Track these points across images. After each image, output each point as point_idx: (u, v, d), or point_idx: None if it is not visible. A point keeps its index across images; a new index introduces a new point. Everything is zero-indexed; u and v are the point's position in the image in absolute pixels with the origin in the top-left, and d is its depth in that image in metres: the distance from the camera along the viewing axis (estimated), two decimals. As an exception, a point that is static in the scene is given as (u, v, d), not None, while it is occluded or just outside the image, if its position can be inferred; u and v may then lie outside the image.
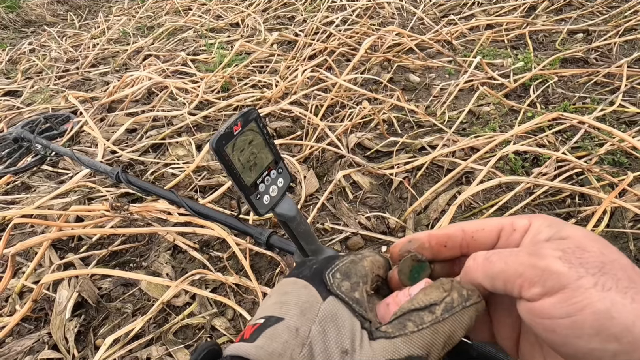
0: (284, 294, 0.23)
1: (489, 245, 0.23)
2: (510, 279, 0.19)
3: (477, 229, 0.23)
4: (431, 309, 0.20)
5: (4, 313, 0.87)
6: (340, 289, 0.23)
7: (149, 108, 1.57)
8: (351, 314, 0.21)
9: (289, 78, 1.56)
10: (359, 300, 0.22)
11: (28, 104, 1.79)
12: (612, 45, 1.55)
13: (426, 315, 0.20)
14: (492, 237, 0.23)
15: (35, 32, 2.88)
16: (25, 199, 1.20)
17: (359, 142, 1.22)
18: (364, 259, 0.25)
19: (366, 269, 0.24)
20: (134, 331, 0.77)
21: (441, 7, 2.18)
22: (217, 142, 0.45)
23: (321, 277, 0.23)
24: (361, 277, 0.24)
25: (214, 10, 2.59)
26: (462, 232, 0.24)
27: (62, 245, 1.01)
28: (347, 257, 0.25)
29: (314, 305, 0.22)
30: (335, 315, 0.21)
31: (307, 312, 0.21)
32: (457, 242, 0.24)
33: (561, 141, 1.13)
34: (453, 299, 0.21)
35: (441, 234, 0.24)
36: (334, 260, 0.25)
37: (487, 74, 1.45)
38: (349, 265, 0.24)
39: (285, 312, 0.22)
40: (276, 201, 0.54)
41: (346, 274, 0.24)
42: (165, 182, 1.18)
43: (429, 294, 0.21)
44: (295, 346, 0.20)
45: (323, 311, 0.21)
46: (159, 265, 0.92)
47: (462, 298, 0.21)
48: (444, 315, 0.20)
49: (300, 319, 0.21)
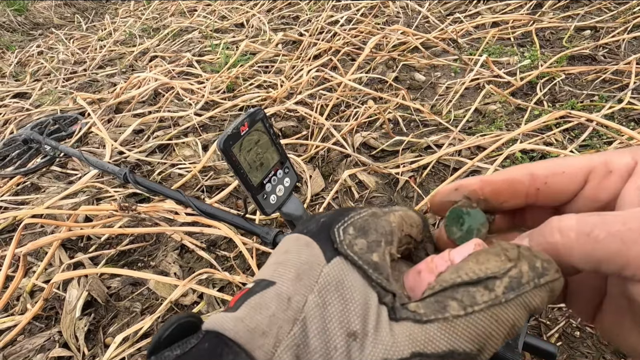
0: (283, 253, 0.18)
1: (569, 194, 0.17)
2: (631, 264, 0.14)
3: (553, 172, 0.18)
4: (488, 284, 0.15)
5: (16, 312, 0.88)
6: (351, 247, 0.17)
7: (155, 109, 1.58)
8: (365, 282, 0.16)
9: (294, 78, 1.56)
10: (378, 264, 0.17)
11: (37, 105, 1.81)
12: (620, 41, 1.53)
13: (480, 293, 0.15)
14: (576, 182, 0.17)
15: (43, 35, 2.91)
16: (35, 199, 1.21)
17: (364, 141, 1.22)
18: (390, 213, 0.19)
19: (392, 226, 0.18)
20: (143, 330, 0.78)
21: (446, 5, 2.16)
22: (225, 143, 0.46)
23: (329, 233, 0.18)
24: (384, 234, 0.18)
25: (218, 11, 2.60)
26: (530, 178, 0.18)
27: (71, 245, 1.03)
28: (366, 209, 0.19)
29: (314, 268, 0.16)
30: (342, 282, 0.16)
31: (305, 276, 0.16)
32: (522, 191, 0.18)
33: (569, 139, 1.12)
34: (522, 272, 0.15)
35: (500, 179, 0.18)
36: (348, 212, 0.19)
37: (493, 72, 1.44)
38: (367, 219, 0.18)
39: (278, 274, 0.17)
40: (283, 201, 0.54)
41: (362, 230, 0.18)
42: (172, 182, 1.19)
43: (484, 262, 0.15)
44: (284, 322, 0.15)
45: (325, 276, 0.16)
46: (166, 265, 0.93)
47: (534, 272, 0.15)
48: (507, 295, 0.14)
49: (295, 285, 0.16)
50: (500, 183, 0.18)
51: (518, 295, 0.14)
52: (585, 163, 0.17)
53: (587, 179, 0.17)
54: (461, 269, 0.15)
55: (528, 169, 0.18)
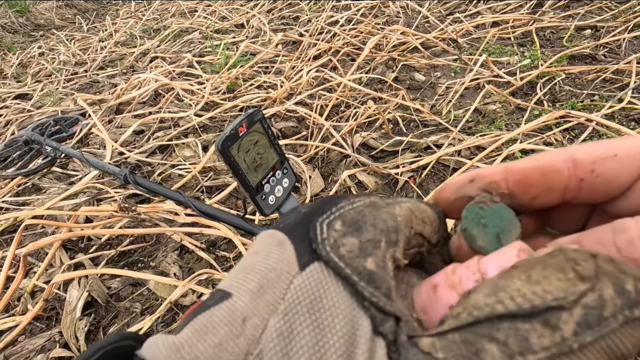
0: (251, 254, 0.14)
1: (622, 186, 0.13)
2: None
3: (601, 155, 0.13)
4: (550, 318, 0.10)
5: (17, 312, 0.89)
6: (336, 249, 0.12)
7: (155, 109, 1.58)
8: (353, 300, 0.11)
9: (293, 78, 1.57)
10: (374, 274, 0.12)
11: (38, 106, 1.82)
12: (621, 41, 1.53)
13: (537, 333, 0.10)
14: (632, 169, 0.13)
15: (44, 36, 2.92)
16: (36, 200, 1.22)
17: (364, 141, 1.22)
18: (395, 204, 0.14)
19: (397, 220, 0.13)
20: (143, 330, 0.78)
21: (446, 5, 2.16)
22: (223, 144, 0.46)
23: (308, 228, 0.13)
24: (385, 231, 0.13)
25: (219, 11, 2.61)
26: (572, 164, 0.13)
27: (72, 245, 1.03)
28: (364, 197, 0.14)
29: (282, 278, 0.12)
30: (318, 300, 0.11)
31: (269, 289, 0.12)
32: (561, 183, 0.14)
33: (569, 139, 1.12)
34: (603, 298, 0.10)
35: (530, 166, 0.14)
36: (337, 201, 0.14)
37: (493, 72, 1.44)
38: (362, 210, 0.13)
39: (237, 283, 0.12)
40: (281, 201, 0.55)
41: (354, 224, 0.13)
42: (172, 182, 1.20)
43: (541, 280, 0.10)
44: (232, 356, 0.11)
45: (295, 290, 0.12)
46: (166, 265, 0.93)
47: (623, 299, 0.10)
48: (582, 337, 0.09)
49: (255, 301, 0.12)
50: (531, 172, 0.14)
51: (599, 337, 0.09)
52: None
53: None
54: (502, 289, 0.10)
55: (569, 154, 0.13)
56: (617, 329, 0.09)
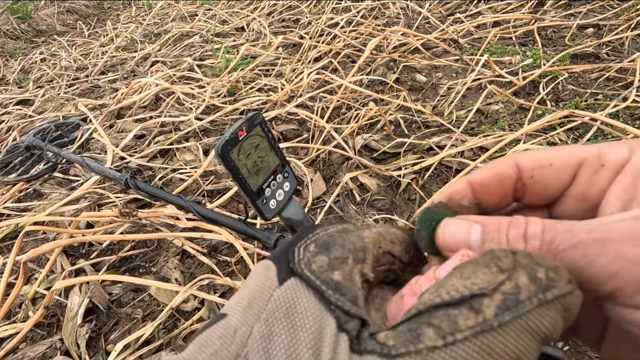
0: (247, 281, 0.16)
1: (558, 189, 0.15)
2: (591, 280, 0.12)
3: (540, 163, 0.15)
4: (473, 303, 0.12)
5: (18, 319, 0.88)
6: (309, 266, 0.15)
7: (156, 114, 1.58)
8: (322, 305, 0.14)
9: (294, 81, 1.56)
10: (340, 284, 0.14)
11: (39, 112, 1.82)
12: (624, 39, 1.52)
13: (463, 316, 0.12)
14: (564, 177, 0.15)
15: (46, 42, 2.94)
16: (37, 206, 1.22)
17: (365, 143, 1.21)
18: (364, 229, 0.16)
19: (365, 241, 0.16)
20: (144, 337, 0.77)
21: (447, 5, 2.16)
22: (223, 148, 0.45)
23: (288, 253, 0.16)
24: (352, 250, 0.15)
25: (219, 15, 2.61)
26: (516, 170, 0.16)
27: (73, 251, 1.03)
28: (337, 225, 0.17)
29: (265, 292, 0.14)
30: (293, 307, 0.14)
31: (255, 302, 0.14)
32: (509, 185, 0.16)
33: (573, 139, 1.10)
34: (519, 285, 0.12)
35: (489, 176, 0.16)
36: (314, 229, 0.16)
37: (495, 72, 1.43)
38: (333, 234, 0.16)
39: (232, 305, 0.15)
40: (283, 205, 0.54)
41: (325, 246, 0.15)
42: (173, 187, 1.19)
43: (470, 275, 0.12)
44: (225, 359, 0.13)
45: (275, 301, 0.14)
46: (167, 271, 0.92)
47: (536, 285, 0.11)
48: (501, 317, 0.11)
49: (244, 315, 0.14)
50: (491, 181, 0.16)
51: (516, 316, 0.11)
52: (577, 154, 0.15)
53: (577, 173, 0.15)
54: (442, 286, 0.13)
55: (515, 160, 0.16)
56: (532, 309, 0.11)
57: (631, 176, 0.13)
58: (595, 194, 0.15)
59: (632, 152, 0.14)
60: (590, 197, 0.15)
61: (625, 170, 0.14)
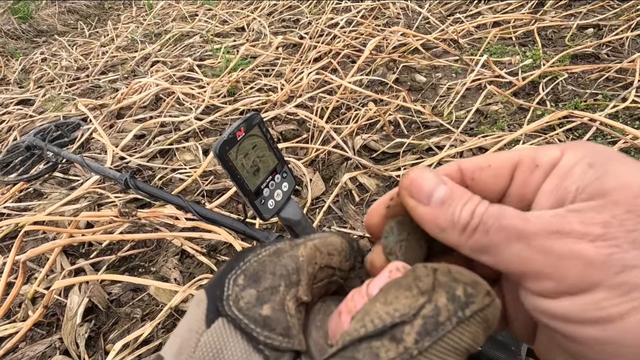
0: (184, 316, 0.15)
1: (498, 190, 0.16)
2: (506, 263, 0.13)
3: (479, 165, 0.16)
4: (395, 332, 0.12)
5: (18, 319, 0.88)
6: (237, 303, 0.14)
7: (156, 114, 1.58)
8: (250, 347, 0.13)
9: (294, 81, 1.56)
10: (269, 318, 0.14)
11: (40, 112, 1.83)
12: (624, 39, 1.51)
13: (385, 347, 0.11)
14: (502, 178, 0.15)
15: (46, 42, 2.94)
16: (37, 205, 1.22)
17: (364, 144, 1.22)
18: (299, 245, 0.16)
19: (299, 261, 0.15)
20: (143, 336, 0.78)
21: (447, 5, 2.15)
22: (220, 148, 0.45)
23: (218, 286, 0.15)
24: (284, 275, 0.15)
25: (219, 15, 2.61)
26: (459, 173, 0.16)
27: (73, 251, 1.03)
28: (271, 246, 0.16)
29: (193, 337, 0.14)
30: (220, 353, 0.13)
31: (184, 348, 0.14)
32: None
33: (572, 139, 1.10)
34: (438, 307, 0.12)
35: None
36: (246, 255, 0.16)
37: (494, 72, 1.43)
38: (264, 260, 0.15)
39: (168, 346, 0.15)
40: (281, 205, 0.54)
41: (254, 276, 0.14)
42: (172, 187, 1.19)
43: (392, 300, 0.12)
44: None
45: (202, 347, 0.13)
46: (167, 270, 0.92)
47: (455, 304, 0.12)
48: (421, 344, 0.11)
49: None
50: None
51: (437, 339, 0.11)
52: (513, 156, 0.15)
53: (513, 174, 0.15)
54: (367, 313, 0.12)
55: (457, 164, 0.16)
56: (452, 329, 0.11)
57: (558, 177, 0.14)
58: (530, 194, 0.15)
59: (563, 153, 0.14)
60: (526, 197, 0.15)
61: (555, 171, 0.14)
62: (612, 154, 0.13)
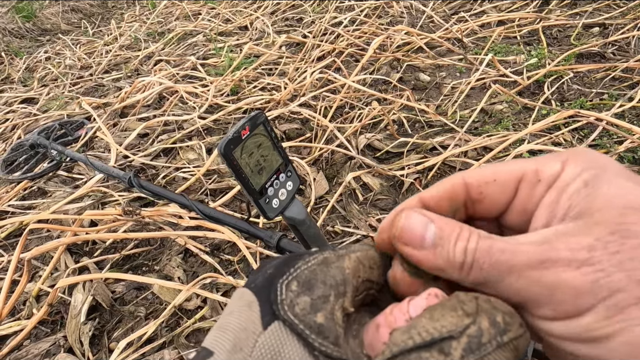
0: (228, 314, 0.16)
1: (503, 203, 0.16)
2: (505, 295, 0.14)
3: (485, 180, 0.16)
4: (444, 347, 0.13)
5: (22, 316, 0.89)
6: (292, 309, 0.15)
7: (160, 113, 1.59)
8: (305, 351, 0.14)
9: (297, 80, 1.56)
10: (323, 327, 0.14)
11: (44, 110, 1.83)
12: (630, 38, 1.50)
13: (434, 357, 0.13)
14: (507, 191, 0.16)
15: (50, 41, 2.95)
16: (41, 204, 1.22)
17: (368, 143, 1.21)
18: (344, 257, 0.17)
19: (346, 273, 0.16)
20: (147, 335, 0.78)
21: (451, 4, 2.14)
22: (225, 147, 0.45)
23: (270, 290, 0.16)
24: (334, 286, 0.15)
25: (222, 14, 2.61)
26: (465, 188, 0.17)
27: (76, 249, 1.03)
28: (318, 255, 0.17)
29: (250, 338, 0.15)
30: (278, 354, 0.14)
31: (240, 347, 0.14)
32: (460, 202, 0.17)
33: (578, 139, 1.10)
34: (481, 329, 0.13)
35: (437, 194, 0.17)
36: (295, 262, 0.16)
37: (499, 72, 1.42)
38: (315, 269, 0.16)
39: (217, 343, 0.15)
40: (285, 204, 0.54)
41: (307, 284, 0.15)
42: (176, 186, 1.19)
43: (439, 318, 0.13)
44: None
45: (260, 348, 0.14)
46: (170, 269, 0.93)
47: (496, 329, 0.13)
48: (466, 359, 0.12)
49: (230, 358, 0.14)
50: (441, 199, 0.17)
51: (479, 358, 0.12)
52: (517, 170, 0.16)
53: (517, 187, 0.16)
54: (414, 327, 0.13)
55: (462, 178, 0.17)
56: (492, 351, 0.13)
57: (556, 191, 0.14)
58: (531, 208, 0.16)
59: (564, 166, 0.15)
60: (528, 210, 0.16)
61: (555, 186, 0.15)
62: (609, 167, 0.14)
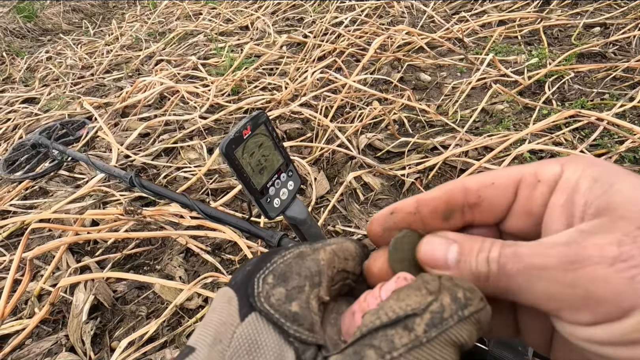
0: (210, 311, 0.17)
1: (503, 208, 0.16)
2: (537, 301, 0.14)
3: (484, 183, 0.16)
4: (407, 323, 0.13)
5: (24, 315, 0.89)
6: (268, 300, 0.15)
7: (161, 112, 1.59)
8: (281, 339, 0.15)
9: (298, 80, 1.56)
10: (298, 315, 0.15)
11: (45, 110, 1.84)
12: (631, 38, 1.50)
13: (399, 335, 0.13)
14: (507, 195, 0.16)
15: (51, 40, 2.96)
16: (43, 203, 1.22)
17: (369, 143, 1.21)
18: (319, 250, 0.17)
19: (320, 265, 0.17)
20: (148, 334, 0.78)
21: (452, 4, 2.14)
22: (227, 147, 0.45)
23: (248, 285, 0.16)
24: (308, 277, 0.16)
25: (223, 14, 2.61)
26: (463, 191, 0.17)
27: (78, 249, 1.03)
28: (294, 249, 0.17)
29: (228, 329, 0.15)
30: (255, 343, 0.15)
31: (219, 339, 0.15)
32: (459, 206, 0.17)
33: (579, 139, 1.10)
34: (443, 305, 0.14)
35: (434, 196, 0.17)
36: (272, 257, 0.17)
37: (500, 71, 1.42)
38: (290, 262, 0.17)
39: (199, 339, 0.16)
40: (287, 204, 0.54)
41: (283, 276, 0.16)
42: (177, 185, 1.20)
43: (404, 298, 0.14)
44: None
45: (238, 338, 0.15)
46: (172, 269, 0.93)
47: (456, 304, 0.14)
48: (429, 333, 0.13)
49: (210, 352, 0.15)
50: (436, 200, 0.17)
51: (441, 332, 0.13)
52: (515, 173, 0.16)
53: (517, 190, 0.16)
54: (382, 308, 0.14)
55: (461, 183, 0.17)
56: (453, 325, 0.13)
57: (566, 192, 0.14)
58: (537, 209, 0.16)
59: (564, 167, 0.15)
60: (534, 212, 0.16)
61: (560, 187, 0.15)
62: (612, 166, 0.14)
